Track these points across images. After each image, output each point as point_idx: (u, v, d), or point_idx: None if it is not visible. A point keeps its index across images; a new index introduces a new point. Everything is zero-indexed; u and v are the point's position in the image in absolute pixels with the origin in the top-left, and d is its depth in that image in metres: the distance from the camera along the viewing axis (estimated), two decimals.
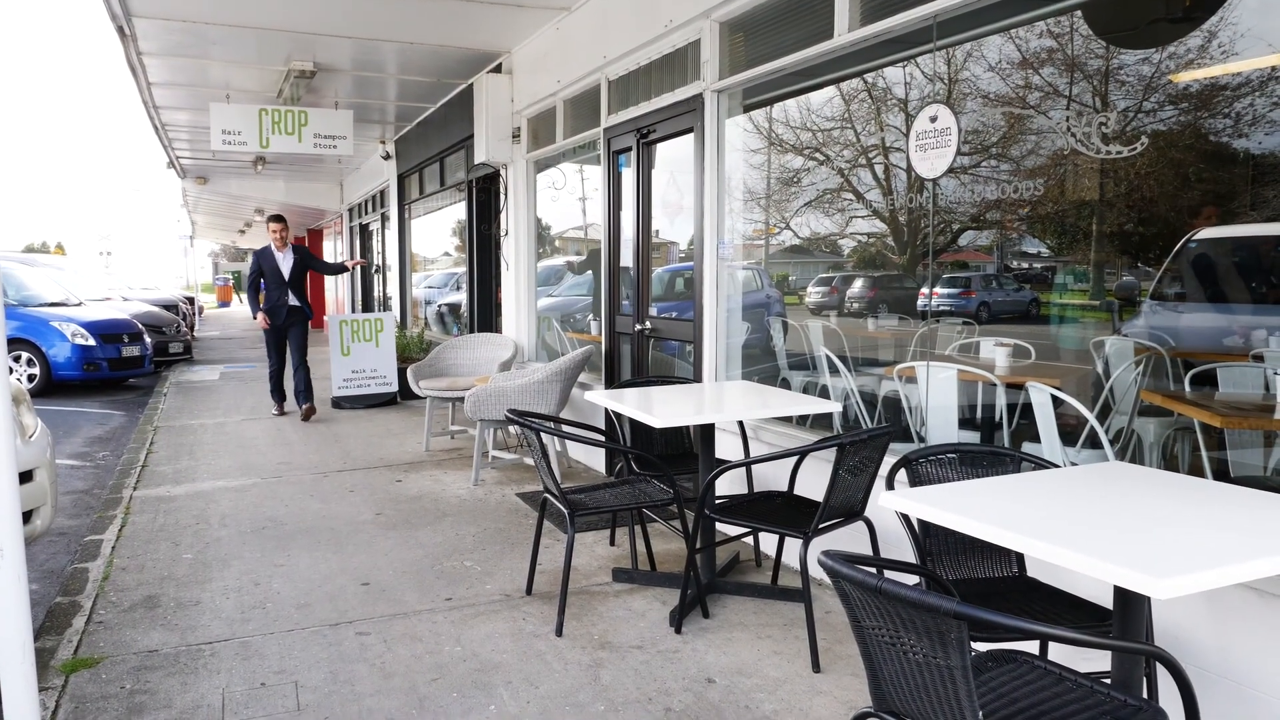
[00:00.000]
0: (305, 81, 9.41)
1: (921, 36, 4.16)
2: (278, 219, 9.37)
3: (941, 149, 3.93)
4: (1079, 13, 3.74)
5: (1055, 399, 3.77)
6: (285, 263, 9.20)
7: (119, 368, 12.65)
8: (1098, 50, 3.70)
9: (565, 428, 4.80)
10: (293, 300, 9.29)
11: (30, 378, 12.06)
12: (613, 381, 7.02)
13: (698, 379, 5.74)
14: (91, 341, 12.31)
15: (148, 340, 13.37)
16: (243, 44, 8.40)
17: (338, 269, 10.34)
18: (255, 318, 9.42)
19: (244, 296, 49.63)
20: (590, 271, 8.15)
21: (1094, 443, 3.68)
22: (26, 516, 4.17)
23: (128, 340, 12.84)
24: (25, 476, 4.14)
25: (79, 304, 13.79)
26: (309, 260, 9.58)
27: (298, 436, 8.49)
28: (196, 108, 10.97)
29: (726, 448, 5.13)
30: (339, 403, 10.04)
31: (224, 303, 43.43)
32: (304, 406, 9.36)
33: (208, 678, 3.53)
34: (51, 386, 12.23)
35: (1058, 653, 3.05)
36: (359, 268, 14.50)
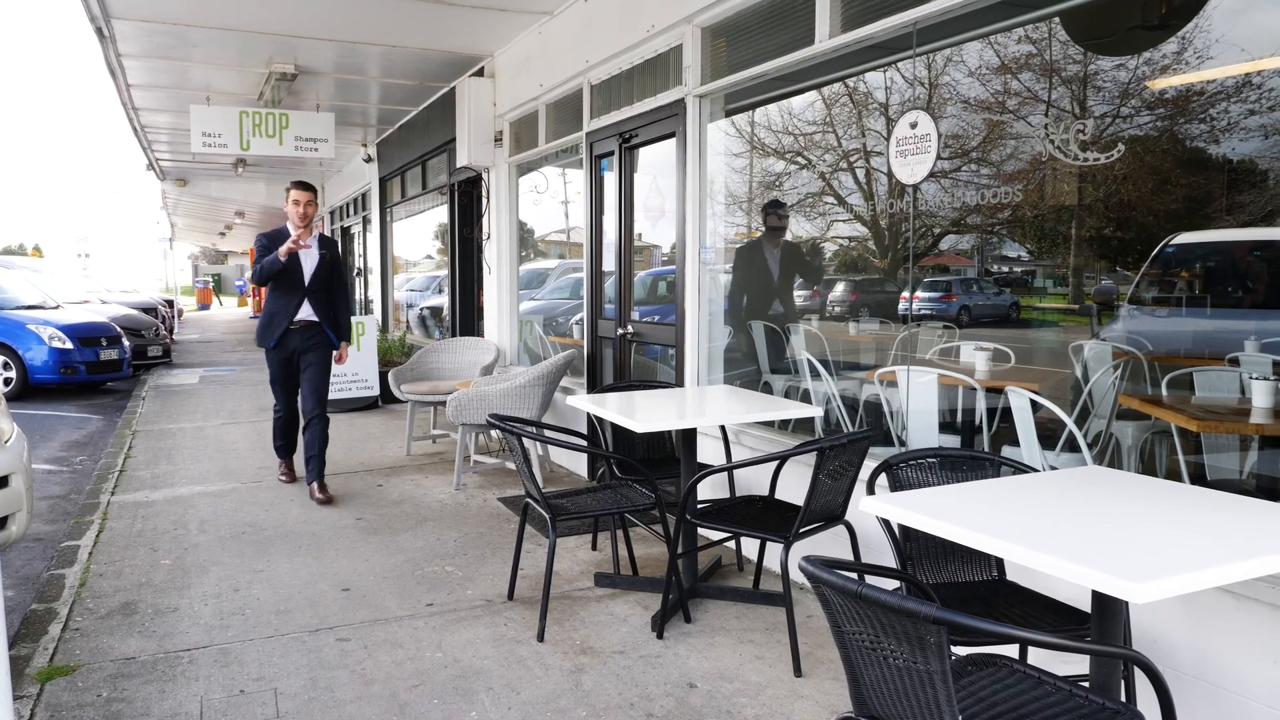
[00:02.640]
0: (286, 84, 9.37)
1: (902, 43, 4.18)
2: (304, 186, 6.11)
3: (922, 155, 3.95)
4: (1057, 20, 3.77)
5: (1034, 403, 3.79)
6: (309, 257, 6.14)
7: (97, 371, 12.52)
8: (1075, 57, 3.74)
9: (547, 432, 4.79)
10: (312, 314, 6.19)
11: (6, 381, 11.93)
12: (595, 386, 7.02)
13: (680, 383, 5.74)
14: (69, 345, 12.18)
15: (126, 344, 13.23)
16: (223, 46, 8.35)
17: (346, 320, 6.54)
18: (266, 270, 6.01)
19: (224, 300, 48.32)
20: (572, 275, 8.14)
21: (1073, 447, 3.70)
22: (2, 522, 4.13)
23: (106, 344, 12.71)
24: (1, 482, 4.10)
25: (56, 307, 13.65)
26: (337, 269, 6.37)
27: None
28: (177, 110, 10.90)
29: (708, 452, 5.14)
30: None
31: (203, 305, 42.99)
32: (314, 484, 6.28)
33: (186, 685, 3.50)
34: (28, 390, 12.09)
35: (1037, 656, 3.07)
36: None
